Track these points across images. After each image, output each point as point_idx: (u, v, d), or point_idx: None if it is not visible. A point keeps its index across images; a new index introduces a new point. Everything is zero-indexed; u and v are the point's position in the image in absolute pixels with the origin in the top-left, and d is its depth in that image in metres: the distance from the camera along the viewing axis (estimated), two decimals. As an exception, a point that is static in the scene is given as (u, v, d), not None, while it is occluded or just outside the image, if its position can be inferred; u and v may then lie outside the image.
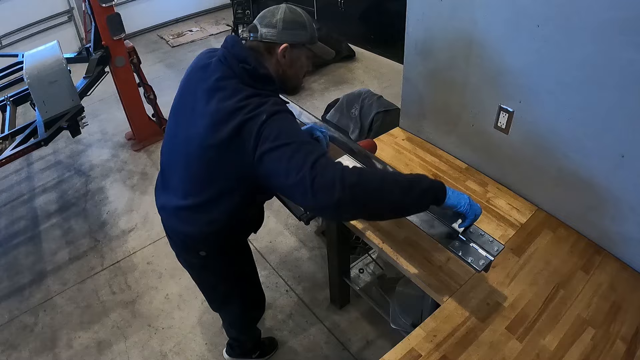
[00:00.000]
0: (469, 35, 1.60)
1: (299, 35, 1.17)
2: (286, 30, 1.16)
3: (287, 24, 1.16)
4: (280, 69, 1.20)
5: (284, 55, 1.18)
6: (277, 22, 1.15)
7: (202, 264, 1.42)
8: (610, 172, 1.36)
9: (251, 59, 1.14)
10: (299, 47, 1.19)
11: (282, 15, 1.16)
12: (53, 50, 2.77)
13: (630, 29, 1.13)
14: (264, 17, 1.18)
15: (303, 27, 1.18)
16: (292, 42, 1.17)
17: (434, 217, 1.30)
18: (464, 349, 1.22)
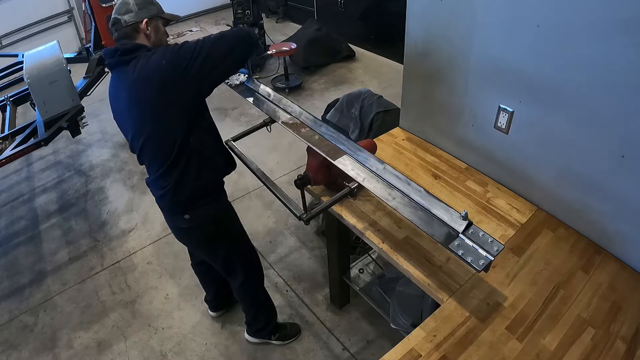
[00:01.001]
0: (469, 35, 1.60)
1: (151, 10, 1.44)
2: (141, 10, 1.42)
3: (140, 4, 1.42)
4: (149, 40, 1.45)
5: (147, 28, 1.43)
6: (133, 7, 1.41)
7: (189, 227, 1.59)
8: (610, 172, 1.36)
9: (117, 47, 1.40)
10: (156, 19, 1.46)
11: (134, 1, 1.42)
12: (53, 50, 2.77)
13: (630, 29, 1.13)
14: (120, 9, 1.42)
15: (152, 2, 1.46)
16: (149, 16, 1.43)
17: (433, 217, 1.30)
18: (464, 349, 1.22)
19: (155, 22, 1.47)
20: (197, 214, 1.56)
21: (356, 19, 5.05)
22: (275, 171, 3.31)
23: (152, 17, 1.45)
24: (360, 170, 1.46)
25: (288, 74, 4.43)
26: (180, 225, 1.61)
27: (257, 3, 4.60)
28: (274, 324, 2.08)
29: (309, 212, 1.48)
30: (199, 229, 1.61)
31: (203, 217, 1.58)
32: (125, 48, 1.38)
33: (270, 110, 1.81)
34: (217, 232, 1.64)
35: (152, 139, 1.44)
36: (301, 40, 4.57)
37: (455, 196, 1.72)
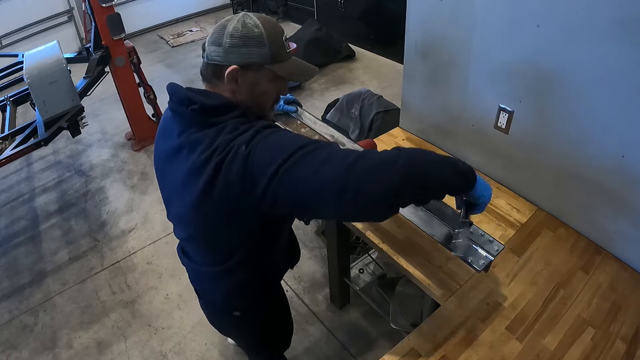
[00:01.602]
0: (469, 35, 1.60)
1: (252, 54, 0.92)
2: (234, 47, 0.92)
3: (236, 40, 0.91)
4: (235, 96, 0.97)
5: (234, 79, 0.94)
6: (224, 38, 0.92)
7: (236, 324, 1.30)
8: (610, 172, 1.36)
9: (195, 96, 0.93)
10: (256, 69, 0.94)
11: (232, 29, 0.92)
12: (53, 50, 2.77)
13: (630, 29, 1.13)
14: (214, 31, 0.96)
15: (258, 43, 0.92)
16: (242, 63, 0.93)
17: (433, 216, 1.30)
18: (464, 349, 1.22)
19: (254, 75, 0.95)
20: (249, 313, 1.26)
21: (356, 19, 5.05)
22: (275, 171, 3.30)
23: (251, 65, 0.94)
24: (360, 170, 1.46)
25: (288, 74, 4.42)
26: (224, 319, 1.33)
27: (257, 3, 4.61)
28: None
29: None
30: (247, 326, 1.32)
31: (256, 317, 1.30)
32: (208, 105, 0.92)
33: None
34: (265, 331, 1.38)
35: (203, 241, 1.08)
36: (301, 40, 4.57)
37: (455, 196, 1.72)
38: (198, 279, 1.25)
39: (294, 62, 1.00)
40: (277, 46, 0.95)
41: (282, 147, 0.85)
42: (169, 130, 1.00)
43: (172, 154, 0.99)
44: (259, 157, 0.84)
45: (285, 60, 0.98)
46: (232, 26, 0.92)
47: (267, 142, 0.86)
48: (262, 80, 0.97)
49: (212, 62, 0.95)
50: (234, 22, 0.93)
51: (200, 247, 1.12)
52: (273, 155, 0.84)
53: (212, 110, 0.92)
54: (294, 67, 1.00)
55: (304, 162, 0.82)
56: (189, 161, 0.92)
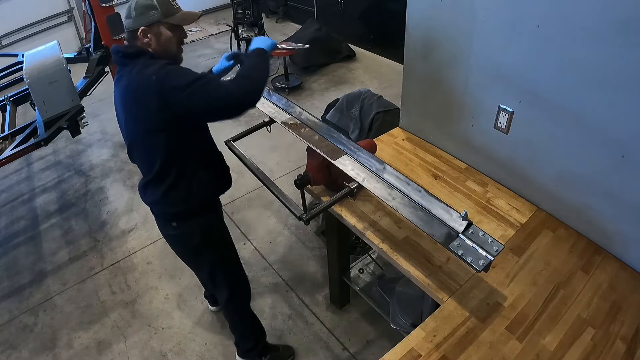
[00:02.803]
0: (469, 35, 1.60)
1: (151, 16, 1.31)
2: (139, 15, 1.31)
3: (138, 9, 1.31)
4: (149, 48, 1.35)
5: (146, 36, 1.32)
6: (131, 11, 1.31)
7: (176, 234, 1.57)
8: (610, 172, 1.36)
9: (120, 47, 1.35)
10: (156, 25, 1.33)
11: (134, 4, 1.31)
12: (53, 50, 2.77)
13: (630, 30, 1.13)
14: (126, 12, 1.35)
15: (152, 7, 1.31)
16: (146, 23, 1.31)
17: (433, 217, 1.30)
18: (464, 349, 1.22)
19: (157, 29, 1.34)
20: (184, 224, 1.53)
21: (356, 19, 5.05)
22: (275, 171, 3.31)
23: (152, 24, 1.32)
24: (360, 170, 1.46)
25: (288, 74, 4.43)
26: (167, 232, 1.59)
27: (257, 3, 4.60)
28: (264, 344, 1.99)
29: (309, 212, 1.48)
30: (184, 237, 1.58)
31: (190, 228, 1.55)
32: (126, 51, 1.34)
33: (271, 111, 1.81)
34: (202, 244, 1.60)
35: (138, 149, 1.42)
36: (301, 41, 4.57)
37: (455, 196, 1.72)
38: (144, 191, 1.52)
39: (182, 14, 1.38)
40: (166, 6, 1.33)
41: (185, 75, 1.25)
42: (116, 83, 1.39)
43: (115, 88, 1.39)
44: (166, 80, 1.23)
45: (174, 14, 1.36)
46: (134, 3, 1.32)
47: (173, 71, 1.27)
48: (163, 31, 1.35)
49: (129, 30, 1.34)
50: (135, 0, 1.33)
51: (139, 155, 1.45)
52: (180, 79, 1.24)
53: (129, 55, 1.33)
54: (182, 16, 1.38)
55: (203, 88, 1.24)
56: (120, 88, 1.34)
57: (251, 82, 1.33)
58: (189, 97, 1.22)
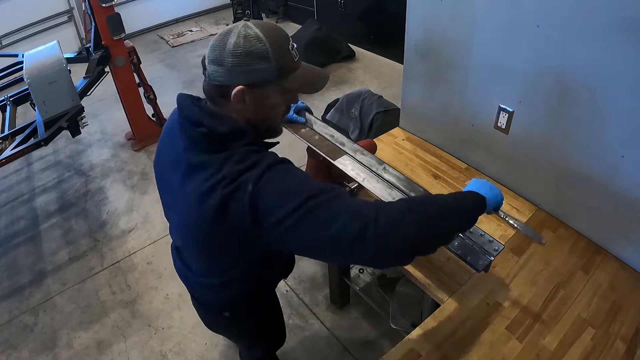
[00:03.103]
0: (469, 35, 1.60)
1: (257, 72, 0.86)
2: (238, 66, 0.85)
3: (238, 58, 0.85)
4: (243, 115, 0.92)
5: (242, 99, 0.89)
6: (226, 57, 0.85)
7: (227, 323, 1.30)
8: (610, 172, 1.36)
9: (205, 118, 0.89)
10: (264, 86, 0.89)
11: (233, 45, 0.84)
12: (53, 50, 2.77)
13: (630, 29, 1.13)
14: (213, 47, 0.88)
15: (262, 57, 0.85)
16: (249, 82, 0.87)
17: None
18: (464, 349, 1.22)
19: (262, 91, 0.89)
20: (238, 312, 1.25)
21: (356, 19, 5.05)
22: (275, 171, 3.30)
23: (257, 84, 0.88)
24: (360, 170, 1.46)
25: (288, 74, 4.42)
26: (214, 318, 1.33)
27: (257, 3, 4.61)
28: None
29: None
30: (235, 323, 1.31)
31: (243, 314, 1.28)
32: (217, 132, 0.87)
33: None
34: (253, 326, 1.35)
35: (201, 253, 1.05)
36: (301, 40, 4.56)
37: (455, 196, 1.72)
38: (190, 285, 1.23)
39: (303, 72, 0.93)
40: (284, 59, 0.88)
41: (292, 193, 0.82)
42: (175, 137, 0.96)
43: (174, 165, 0.96)
44: (266, 199, 0.82)
45: (293, 71, 0.91)
46: (232, 41, 0.85)
47: (276, 184, 0.84)
48: (271, 96, 0.91)
49: (216, 84, 0.89)
50: (234, 37, 0.85)
51: (197, 257, 1.10)
52: (281, 201, 0.82)
53: (221, 137, 0.88)
54: (304, 78, 0.93)
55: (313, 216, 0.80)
56: (192, 183, 0.89)
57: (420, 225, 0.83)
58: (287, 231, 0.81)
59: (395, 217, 0.81)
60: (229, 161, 0.86)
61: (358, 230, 0.78)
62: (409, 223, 0.81)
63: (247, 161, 0.86)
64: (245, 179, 0.84)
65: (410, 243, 0.81)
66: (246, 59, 0.84)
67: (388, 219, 0.80)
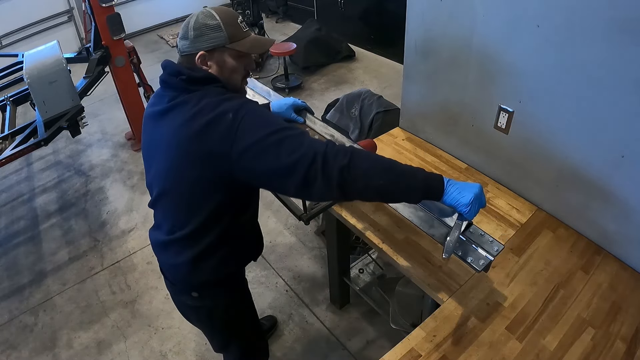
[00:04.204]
0: (469, 35, 1.60)
1: (213, 39, 1.08)
2: (198, 37, 1.08)
3: (198, 30, 1.08)
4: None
5: (205, 62, 1.10)
6: (189, 32, 1.08)
7: (196, 306, 1.34)
8: (610, 172, 1.36)
9: (183, 70, 1.09)
10: (220, 50, 1.10)
11: (193, 23, 1.08)
12: (53, 50, 2.77)
13: (630, 29, 1.13)
14: (181, 27, 1.12)
15: (216, 28, 1.07)
16: (206, 48, 1.08)
17: (433, 216, 1.30)
18: (464, 349, 1.22)
19: (220, 56, 1.10)
20: (207, 295, 1.30)
21: (356, 19, 5.05)
22: (275, 171, 3.30)
23: (215, 49, 1.09)
24: (360, 170, 1.46)
25: (288, 74, 4.43)
26: (184, 301, 1.36)
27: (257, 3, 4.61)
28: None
29: (309, 212, 1.48)
30: (205, 310, 1.35)
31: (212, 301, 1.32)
32: (193, 75, 1.08)
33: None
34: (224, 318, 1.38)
35: (173, 197, 1.15)
36: (301, 40, 4.57)
37: (455, 196, 1.72)
38: (163, 249, 1.26)
39: (250, 39, 1.14)
40: (233, 28, 1.10)
41: (266, 123, 1.00)
42: (160, 98, 1.13)
43: (161, 115, 1.11)
44: (245, 125, 0.99)
45: (242, 38, 1.12)
46: (193, 20, 1.09)
47: (253, 115, 1.01)
48: (227, 59, 1.11)
49: (185, 54, 1.11)
50: (195, 17, 1.09)
51: (171, 205, 1.18)
52: (258, 126, 0.99)
53: (198, 80, 1.08)
54: (251, 42, 1.13)
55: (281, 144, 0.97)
56: (178, 118, 1.06)
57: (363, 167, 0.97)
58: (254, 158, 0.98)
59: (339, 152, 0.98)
60: (207, 95, 1.06)
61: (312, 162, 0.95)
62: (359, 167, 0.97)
63: (223, 95, 1.07)
64: (224, 108, 1.02)
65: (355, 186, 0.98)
66: (203, 29, 1.08)
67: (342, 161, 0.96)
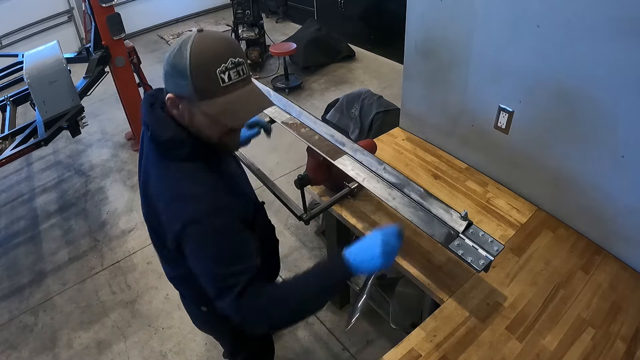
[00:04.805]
0: (469, 35, 1.60)
1: (178, 86, 0.86)
2: (168, 75, 0.88)
3: (169, 67, 0.86)
4: (184, 123, 0.93)
5: (175, 106, 0.91)
6: (165, 62, 0.88)
7: (205, 319, 1.34)
8: (610, 172, 1.36)
9: (152, 122, 0.94)
10: (188, 101, 0.88)
11: (168, 54, 0.87)
12: (53, 50, 2.77)
13: (630, 29, 1.13)
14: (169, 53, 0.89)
15: (181, 74, 0.84)
16: (174, 92, 0.88)
17: (433, 217, 1.30)
18: (464, 349, 1.22)
19: (188, 106, 0.89)
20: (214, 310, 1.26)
21: (356, 19, 5.05)
22: (275, 171, 3.31)
23: (182, 98, 0.89)
24: (360, 170, 1.46)
25: (288, 74, 4.43)
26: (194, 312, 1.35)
27: (257, 3, 4.60)
28: None
29: (309, 212, 1.48)
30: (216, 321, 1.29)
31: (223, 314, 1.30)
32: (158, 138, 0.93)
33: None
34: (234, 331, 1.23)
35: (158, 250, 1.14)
36: (301, 40, 4.57)
37: (455, 196, 1.72)
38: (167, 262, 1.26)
39: (232, 99, 0.85)
40: (205, 81, 0.83)
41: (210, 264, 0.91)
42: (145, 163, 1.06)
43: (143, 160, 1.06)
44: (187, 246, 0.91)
45: (216, 96, 0.85)
46: (170, 50, 0.87)
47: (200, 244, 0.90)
48: (196, 113, 0.89)
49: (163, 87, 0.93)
50: (175, 46, 0.86)
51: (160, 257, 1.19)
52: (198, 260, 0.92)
53: (163, 144, 0.93)
54: (227, 106, 0.85)
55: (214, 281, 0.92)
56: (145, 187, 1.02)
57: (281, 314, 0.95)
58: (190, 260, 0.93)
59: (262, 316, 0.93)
60: (169, 176, 0.94)
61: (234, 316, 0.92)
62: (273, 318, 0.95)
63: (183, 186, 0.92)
64: (176, 210, 0.91)
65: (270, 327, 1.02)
66: (172, 70, 0.86)
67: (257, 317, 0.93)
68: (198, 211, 0.89)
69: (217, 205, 0.91)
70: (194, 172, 0.94)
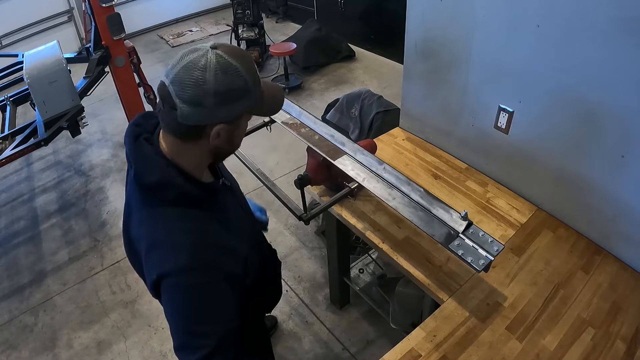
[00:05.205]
0: (469, 35, 1.60)
1: (239, 107, 0.82)
2: (220, 105, 0.79)
3: (221, 96, 0.78)
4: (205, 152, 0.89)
5: (218, 135, 0.84)
6: (205, 96, 0.77)
7: None
8: (610, 172, 1.36)
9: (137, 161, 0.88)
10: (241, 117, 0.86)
11: (212, 84, 0.77)
12: (53, 50, 2.77)
13: (630, 29, 1.13)
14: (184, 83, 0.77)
15: (244, 92, 0.81)
16: (230, 119, 0.83)
17: (433, 217, 1.30)
18: (464, 349, 1.22)
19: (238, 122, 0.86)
20: None
21: (356, 19, 5.05)
22: (275, 171, 3.31)
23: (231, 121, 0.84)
24: (360, 170, 1.46)
25: (288, 74, 4.43)
26: None
27: (257, 3, 4.60)
28: None
29: (309, 212, 1.48)
30: None
31: None
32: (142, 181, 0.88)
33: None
34: None
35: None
36: (301, 40, 4.57)
37: (455, 196, 1.72)
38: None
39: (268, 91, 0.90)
40: (257, 84, 0.85)
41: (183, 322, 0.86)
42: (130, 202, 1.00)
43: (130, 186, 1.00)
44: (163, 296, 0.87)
45: (262, 98, 0.88)
46: (211, 79, 0.77)
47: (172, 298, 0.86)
48: (242, 123, 0.89)
49: (190, 124, 0.81)
50: (212, 73, 0.77)
51: None
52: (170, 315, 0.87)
53: (147, 187, 0.88)
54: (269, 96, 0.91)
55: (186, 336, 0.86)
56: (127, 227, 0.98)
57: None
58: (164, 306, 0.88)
59: None
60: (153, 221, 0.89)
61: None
62: None
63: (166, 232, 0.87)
64: (155, 258, 0.87)
65: None
66: (229, 96, 0.79)
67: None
68: (176, 265, 0.84)
69: (198, 262, 0.85)
70: (181, 220, 0.88)
